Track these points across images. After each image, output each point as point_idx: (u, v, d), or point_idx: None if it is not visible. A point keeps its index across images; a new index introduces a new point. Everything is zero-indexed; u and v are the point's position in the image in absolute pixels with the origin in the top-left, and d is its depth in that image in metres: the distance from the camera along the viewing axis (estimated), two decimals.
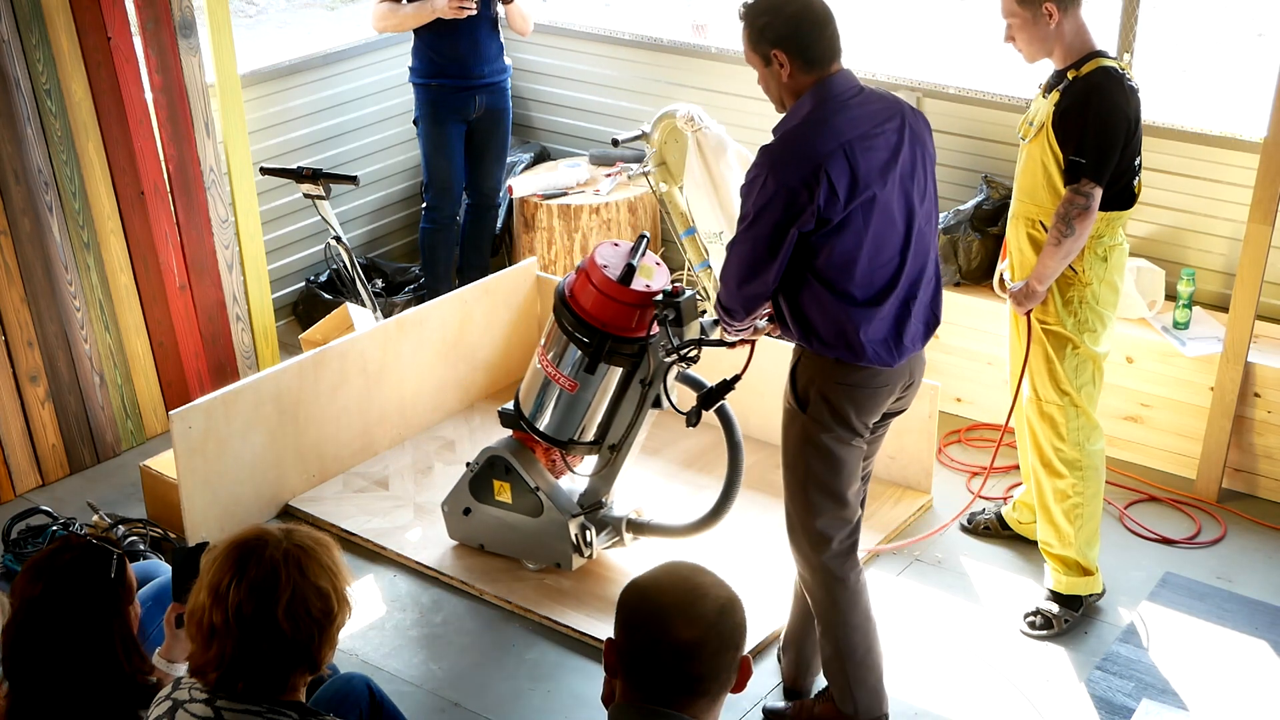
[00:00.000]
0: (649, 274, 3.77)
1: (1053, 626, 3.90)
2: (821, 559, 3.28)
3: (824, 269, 3.02)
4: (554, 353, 3.87)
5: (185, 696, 2.28)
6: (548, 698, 3.69)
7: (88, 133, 4.58)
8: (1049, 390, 3.80)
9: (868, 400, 3.17)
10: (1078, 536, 3.88)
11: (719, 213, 5.06)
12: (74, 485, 4.67)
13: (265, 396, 4.32)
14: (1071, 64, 3.62)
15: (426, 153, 5.44)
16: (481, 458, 4.07)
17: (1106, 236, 3.69)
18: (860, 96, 3.05)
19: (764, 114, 5.69)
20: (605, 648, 2.08)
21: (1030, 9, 3.58)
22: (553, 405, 3.92)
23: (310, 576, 2.23)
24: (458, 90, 5.31)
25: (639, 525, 4.06)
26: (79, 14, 4.48)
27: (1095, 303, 3.73)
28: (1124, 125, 3.56)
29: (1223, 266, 4.78)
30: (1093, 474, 3.86)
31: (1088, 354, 3.76)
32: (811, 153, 2.95)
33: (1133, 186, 3.69)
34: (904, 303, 3.12)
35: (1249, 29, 9.88)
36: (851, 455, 3.22)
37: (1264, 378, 4.36)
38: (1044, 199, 3.67)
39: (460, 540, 4.22)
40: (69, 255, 4.59)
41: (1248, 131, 4.66)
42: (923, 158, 3.13)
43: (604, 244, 3.83)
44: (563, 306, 3.80)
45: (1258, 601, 4.04)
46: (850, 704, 3.39)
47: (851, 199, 2.96)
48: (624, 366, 3.82)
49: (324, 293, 5.69)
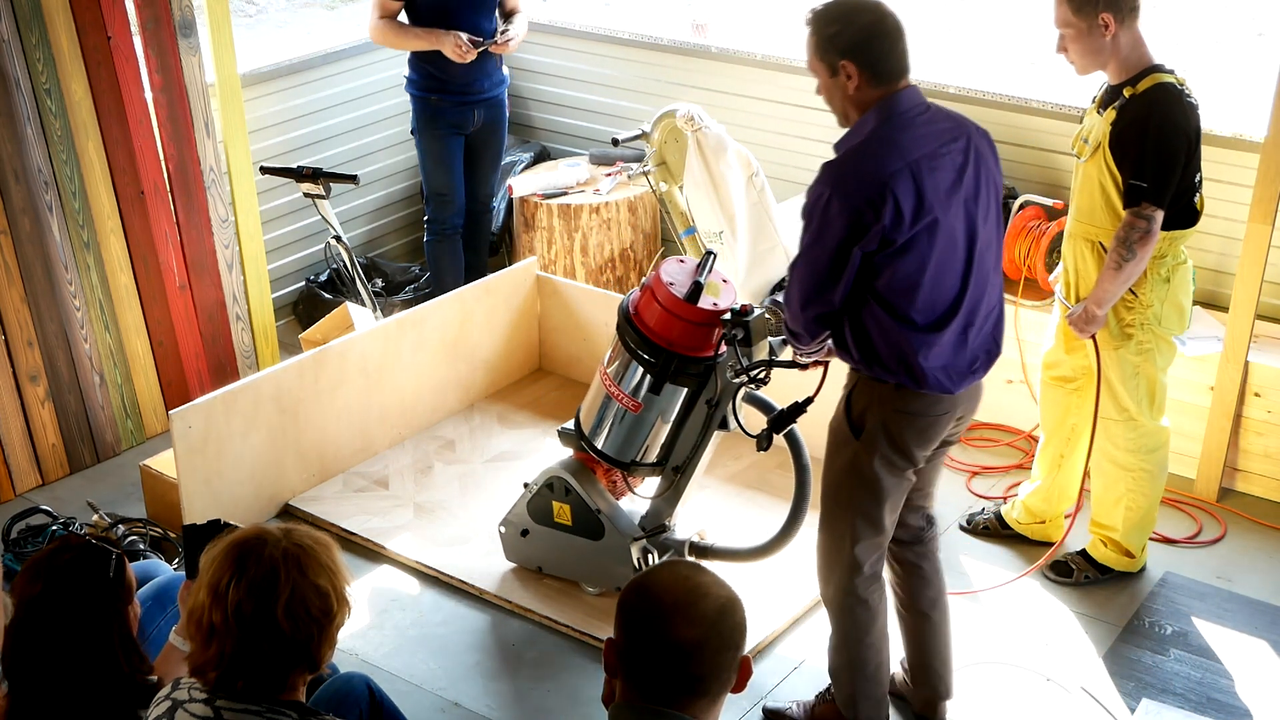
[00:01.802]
0: (715, 291, 3.64)
1: (1071, 575, 3.94)
2: (852, 583, 3.25)
3: (885, 292, 2.95)
4: (617, 371, 3.76)
5: (185, 696, 2.28)
6: (548, 698, 3.69)
7: (88, 133, 4.58)
8: (1109, 408, 3.80)
9: (928, 429, 3.10)
10: (1124, 526, 3.93)
11: (719, 212, 5.05)
12: (74, 485, 4.67)
13: (265, 396, 4.32)
14: (1128, 80, 3.54)
15: (425, 165, 5.40)
16: (540, 479, 3.94)
17: (1170, 257, 3.63)
18: (927, 114, 2.97)
19: (764, 114, 5.72)
20: (605, 648, 2.08)
21: (1086, 19, 3.49)
22: (615, 425, 3.80)
23: (310, 575, 2.23)
24: (456, 105, 5.25)
25: (702, 548, 3.89)
26: (79, 14, 4.48)
27: (1157, 324, 3.68)
28: (1184, 144, 3.49)
29: (1222, 266, 4.78)
30: (1146, 476, 3.88)
31: (1148, 375, 3.74)
32: (878, 171, 2.86)
33: (1194, 204, 3.62)
34: (964, 329, 3.04)
35: (1249, 29, 9.88)
36: (898, 485, 3.16)
37: (1264, 378, 4.36)
38: (1103, 220, 3.61)
39: (517, 562, 4.10)
40: (69, 255, 4.58)
41: (1248, 131, 4.66)
42: (987, 180, 3.03)
43: (669, 260, 3.72)
44: (627, 324, 3.68)
45: (1258, 601, 4.05)
46: (853, 711, 3.39)
47: (917, 220, 2.88)
48: (689, 386, 3.69)
49: (324, 292, 5.69)
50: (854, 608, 3.28)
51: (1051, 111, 4.98)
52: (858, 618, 3.29)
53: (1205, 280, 4.80)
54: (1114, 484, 3.93)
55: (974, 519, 4.36)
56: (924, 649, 3.50)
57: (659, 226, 5.90)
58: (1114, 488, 3.94)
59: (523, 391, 5.19)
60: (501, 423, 4.98)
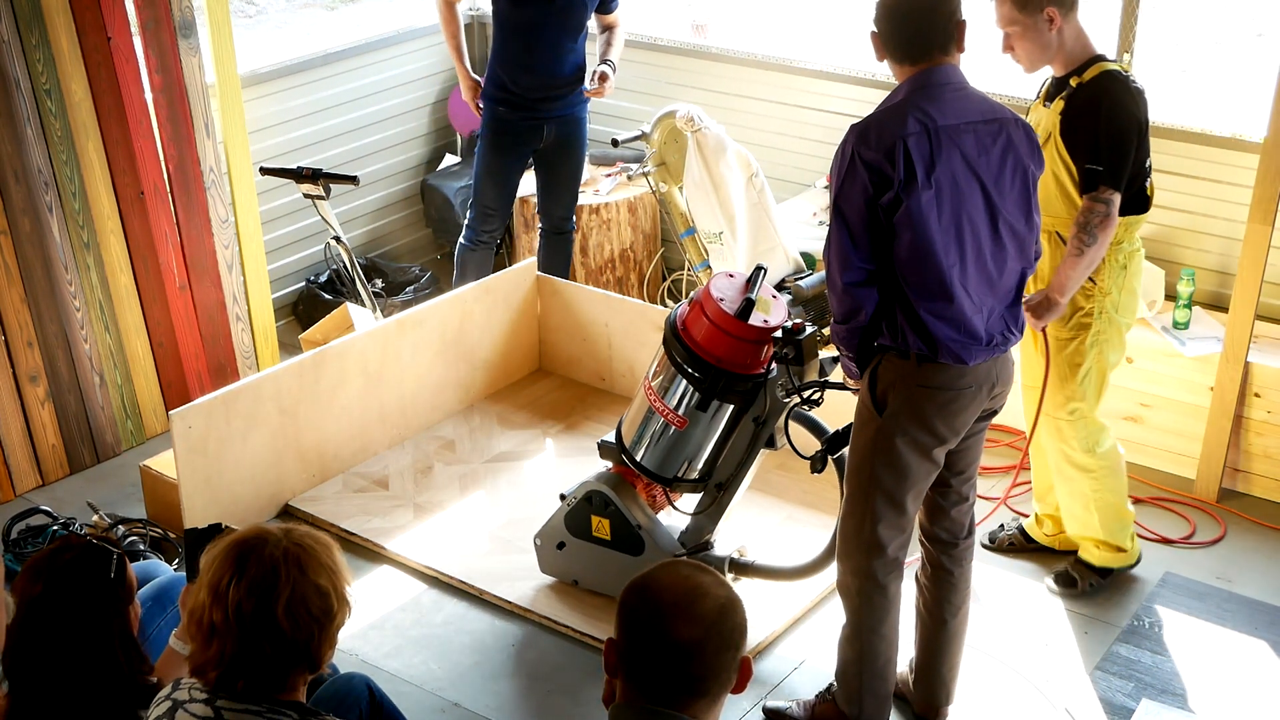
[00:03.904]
0: (766, 308, 3.57)
1: (1076, 586, 3.97)
2: (872, 565, 3.24)
3: (903, 259, 2.99)
4: (661, 385, 3.68)
5: (185, 696, 2.28)
6: (548, 698, 3.69)
7: (88, 133, 4.58)
8: (1058, 405, 3.78)
9: (951, 403, 3.10)
10: (1103, 525, 3.92)
11: (719, 213, 5.06)
12: (74, 485, 4.66)
13: (265, 396, 4.32)
14: (1073, 70, 3.56)
15: (478, 173, 5.17)
16: (580, 492, 3.87)
17: (1126, 243, 3.64)
18: (962, 93, 3.04)
19: (764, 114, 5.73)
20: (605, 648, 2.08)
21: (1031, 15, 3.49)
22: (657, 440, 3.72)
23: (310, 575, 2.23)
24: (525, 120, 5.02)
25: (742, 566, 3.82)
26: (79, 14, 4.48)
27: (1115, 312, 3.68)
28: (1135, 128, 3.51)
29: (1222, 266, 4.78)
30: (1108, 473, 3.87)
31: (1099, 366, 3.73)
32: (898, 129, 2.94)
33: (1146, 189, 3.64)
34: (978, 304, 3.06)
35: (1249, 29, 9.87)
36: (922, 464, 3.16)
37: (1264, 378, 4.36)
38: (1059, 209, 3.61)
39: (553, 575, 4.03)
40: (69, 255, 4.59)
41: (1248, 131, 4.66)
42: (1015, 166, 3.06)
43: (719, 275, 3.65)
44: (674, 339, 3.60)
45: (1257, 601, 4.05)
46: (856, 708, 3.39)
47: (929, 182, 2.93)
48: (736, 404, 3.61)
49: (324, 293, 5.69)
50: (871, 594, 3.27)
51: None
52: (874, 605, 3.28)
53: (1205, 280, 4.80)
54: (1078, 488, 3.89)
55: (996, 537, 4.28)
56: (936, 654, 3.50)
57: (659, 227, 5.90)
58: (1079, 493, 3.89)
59: (522, 392, 5.19)
60: (501, 423, 4.98)
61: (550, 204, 5.31)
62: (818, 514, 4.33)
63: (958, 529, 3.40)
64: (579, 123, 5.15)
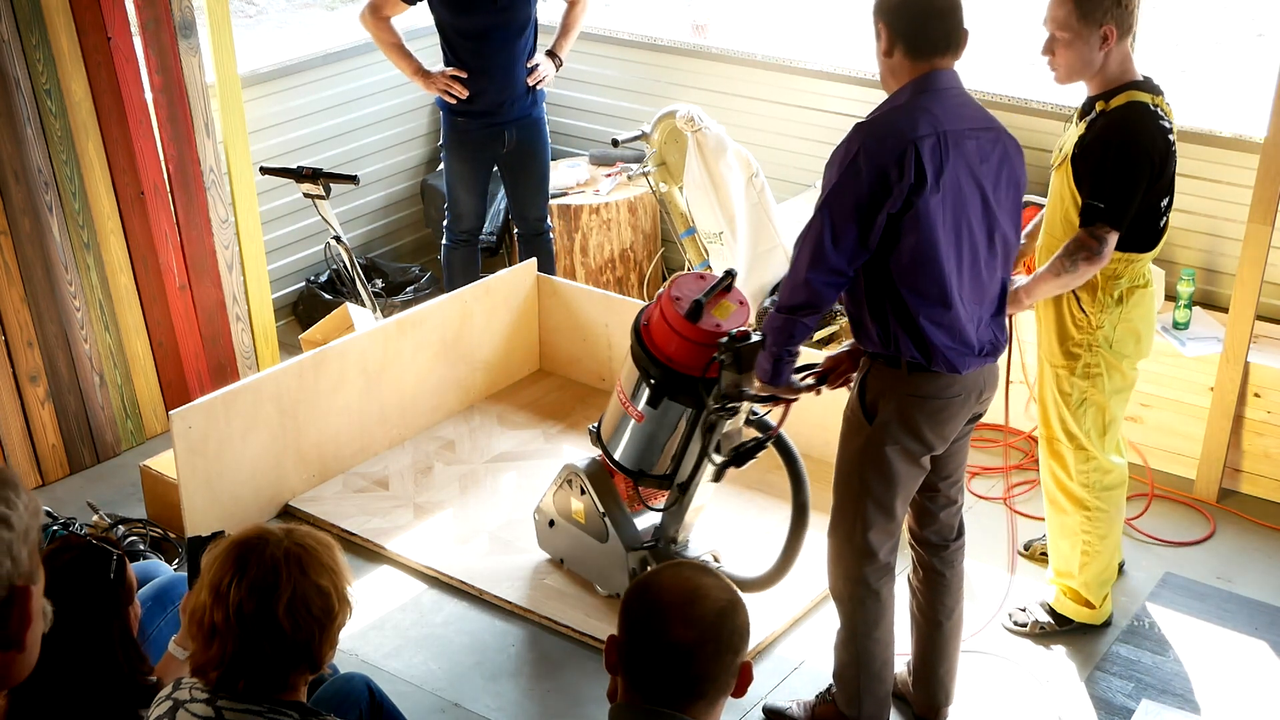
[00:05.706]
0: (725, 312, 3.56)
1: (1027, 628, 3.88)
2: (863, 571, 3.25)
3: (902, 265, 2.97)
4: (627, 380, 3.73)
5: (186, 696, 2.28)
6: (548, 698, 3.69)
7: (88, 133, 4.58)
8: (1056, 429, 3.67)
9: (941, 411, 3.11)
10: (1082, 572, 3.78)
11: (718, 213, 5.06)
12: (74, 485, 4.66)
13: (265, 396, 4.32)
14: (1104, 93, 3.39)
15: (449, 183, 5.22)
16: (562, 473, 3.98)
17: (1125, 279, 3.47)
18: (961, 98, 3.03)
19: (764, 114, 5.73)
20: (607, 644, 2.08)
21: (1088, 26, 3.30)
22: (626, 434, 3.78)
23: (311, 575, 2.23)
24: (485, 128, 5.04)
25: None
26: (79, 14, 4.48)
27: (1108, 348, 3.52)
28: (1147, 166, 3.33)
29: (1222, 266, 4.78)
30: (1102, 517, 3.71)
31: (1095, 401, 3.58)
32: (909, 131, 2.91)
33: (1157, 227, 3.45)
34: (972, 313, 3.06)
35: (1249, 29, 9.88)
36: (911, 470, 3.17)
37: (1263, 378, 4.36)
38: (1061, 233, 3.48)
39: (546, 551, 4.14)
40: (69, 255, 4.58)
41: (1248, 131, 4.66)
42: (1010, 177, 3.06)
43: (687, 275, 3.67)
44: (635, 336, 3.67)
45: (1258, 601, 4.05)
46: (856, 709, 3.39)
47: (939, 186, 2.91)
48: (689, 405, 3.61)
49: (324, 293, 5.69)
50: (864, 599, 3.28)
51: (1051, 112, 4.98)
52: (868, 610, 3.29)
53: (1205, 280, 4.80)
54: (1069, 523, 3.74)
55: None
56: (933, 656, 3.50)
57: (659, 227, 5.90)
58: (1069, 527, 3.75)
59: (522, 392, 5.19)
60: (501, 423, 4.98)
61: (522, 208, 5.32)
62: (817, 514, 4.32)
63: (947, 531, 3.42)
64: (537, 123, 5.16)
